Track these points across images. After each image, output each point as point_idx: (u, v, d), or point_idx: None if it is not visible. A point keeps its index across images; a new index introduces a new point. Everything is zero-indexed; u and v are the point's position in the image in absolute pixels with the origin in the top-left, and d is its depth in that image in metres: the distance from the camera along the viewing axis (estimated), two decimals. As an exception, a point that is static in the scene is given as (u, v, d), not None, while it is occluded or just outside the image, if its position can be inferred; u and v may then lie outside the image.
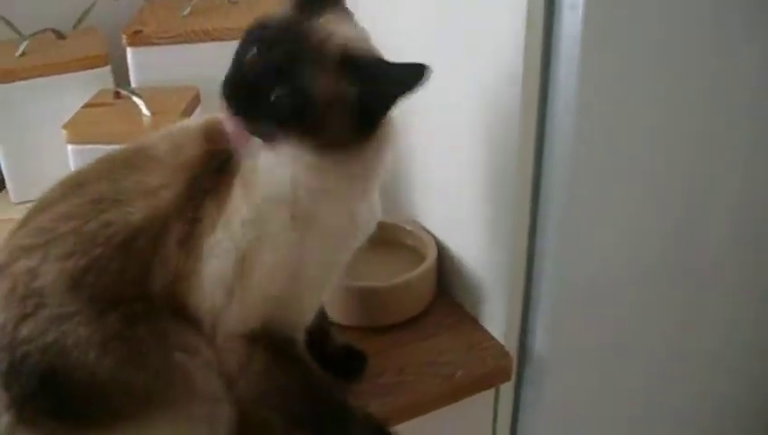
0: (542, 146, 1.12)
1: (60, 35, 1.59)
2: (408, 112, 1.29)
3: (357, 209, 1.00)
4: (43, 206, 0.95)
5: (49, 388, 0.86)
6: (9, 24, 1.65)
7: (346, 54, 0.88)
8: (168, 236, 0.93)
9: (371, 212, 1.04)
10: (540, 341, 1.25)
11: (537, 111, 1.10)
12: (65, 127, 1.32)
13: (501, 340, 1.26)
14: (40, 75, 1.48)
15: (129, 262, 0.91)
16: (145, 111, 1.33)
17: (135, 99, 1.35)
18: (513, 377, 1.28)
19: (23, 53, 1.51)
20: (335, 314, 1.27)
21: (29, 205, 0.98)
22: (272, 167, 0.93)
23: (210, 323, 0.95)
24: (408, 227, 1.38)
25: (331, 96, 0.87)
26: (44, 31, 1.57)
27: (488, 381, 1.25)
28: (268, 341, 0.96)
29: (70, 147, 1.31)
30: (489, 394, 1.29)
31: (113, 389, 0.88)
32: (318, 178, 0.93)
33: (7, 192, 1.59)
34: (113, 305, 0.89)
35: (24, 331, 0.87)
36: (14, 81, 1.47)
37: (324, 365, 1.12)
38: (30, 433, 0.88)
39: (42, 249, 0.90)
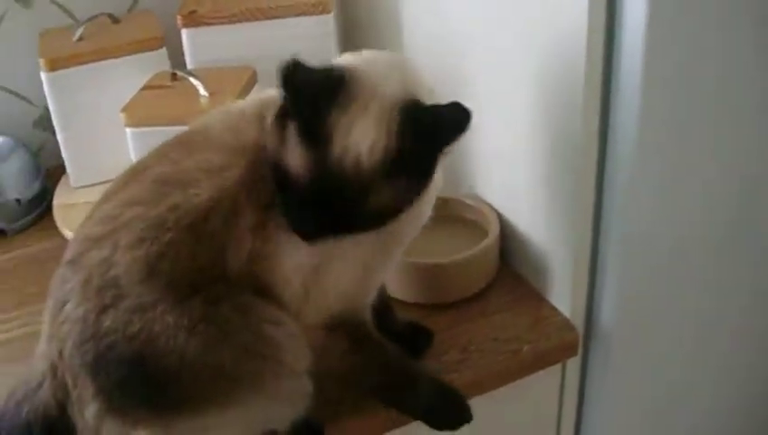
0: (607, 113, 1.09)
1: (115, 19, 1.59)
2: (467, 83, 1.29)
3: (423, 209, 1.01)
4: (108, 195, 0.95)
5: (138, 376, 0.86)
6: (65, 9, 1.66)
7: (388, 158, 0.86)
8: (240, 219, 0.91)
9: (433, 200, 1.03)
10: (607, 315, 1.22)
11: (601, 77, 1.06)
12: (123, 110, 1.32)
13: (567, 314, 1.24)
14: (96, 60, 1.48)
15: (200, 245, 0.90)
16: (203, 91, 1.32)
17: (192, 80, 1.34)
18: (580, 352, 1.26)
19: (79, 39, 1.52)
20: (398, 292, 1.26)
21: (89, 189, 0.98)
22: None
23: (293, 310, 0.96)
24: (469, 202, 1.36)
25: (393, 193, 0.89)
26: (100, 15, 1.58)
27: (554, 356, 1.24)
28: (343, 328, 1.00)
29: (129, 130, 1.31)
30: (555, 370, 1.28)
31: (203, 371, 0.88)
32: None
33: (68, 177, 1.60)
34: (194, 290, 0.88)
35: (107, 322, 0.86)
36: (71, 66, 1.47)
37: (391, 342, 1.12)
38: (118, 421, 0.88)
39: (111, 238, 0.89)
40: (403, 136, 0.86)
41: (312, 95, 0.85)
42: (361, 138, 0.85)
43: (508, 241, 1.32)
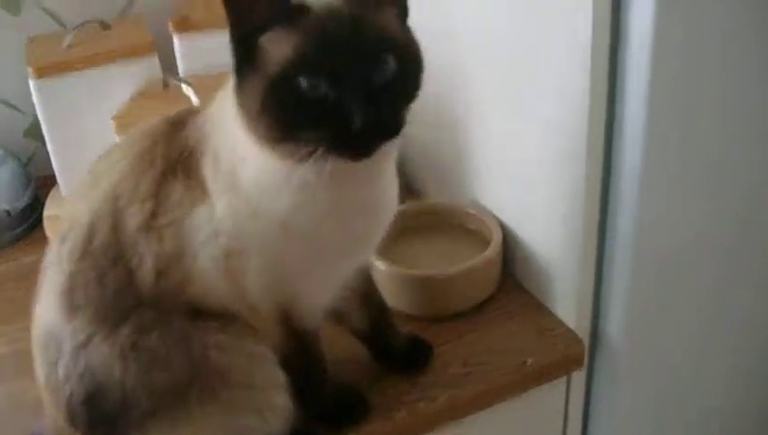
0: (612, 121, 1.06)
1: (105, 26, 1.55)
2: (471, 89, 1.26)
3: (354, 219, 0.93)
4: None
5: (96, 412, 0.90)
6: (54, 16, 1.63)
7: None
8: (124, 225, 0.91)
9: (378, 212, 0.97)
10: (613, 325, 1.19)
11: (607, 86, 1.03)
12: (114, 118, 1.29)
13: (572, 325, 1.21)
14: (86, 67, 1.44)
15: (99, 267, 0.91)
16: (194, 99, 1.29)
17: (184, 87, 1.31)
18: (586, 364, 1.23)
19: (68, 45, 1.48)
20: (397, 303, 1.22)
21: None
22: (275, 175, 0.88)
23: (239, 308, 0.94)
24: (470, 210, 1.33)
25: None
26: (89, 22, 1.54)
27: (560, 369, 1.20)
28: (286, 324, 0.97)
29: (119, 138, 1.27)
30: (560, 383, 1.24)
31: (144, 393, 0.90)
32: (337, 185, 0.88)
33: (59, 187, 1.56)
34: (122, 317, 0.90)
35: (61, 372, 0.91)
36: (60, 74, 1.43)
37: (390, 357, 1.11)
38: None
39: (42, 288, 0.96)
40: None
41: None
42: None
43: (510, 250, 1.29)
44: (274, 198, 0.88)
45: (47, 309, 0.93)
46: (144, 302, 0.90)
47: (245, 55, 0.82)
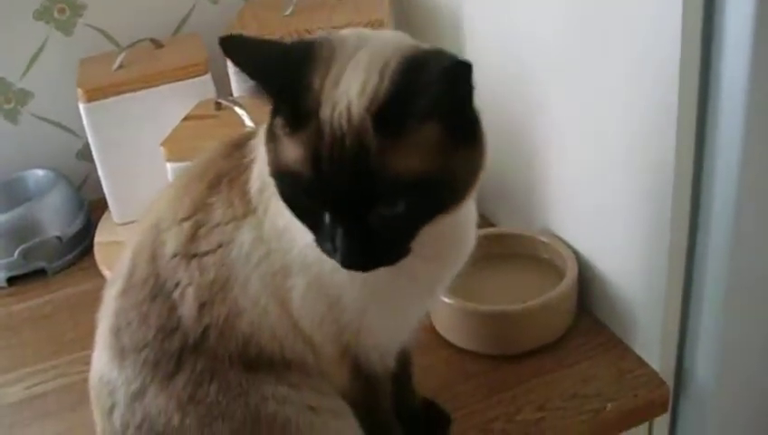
0: (702, 149, 0.98)
1: (158, 44, 1.52)
2: (544, 113, 1.18)
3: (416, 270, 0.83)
4: None
5: None
6: (107, 35, 1.61)
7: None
8: (162, 250, 0.86)
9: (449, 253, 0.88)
10: (701, 366, 1.11)
11: (697, 101, 0.95)
12: (163, 144, 1.23)
13: (655, 366, 1.12)
14: (137, 89, 1.40)
15: (141, 302, 0.87)
16: (248, 122, 1.22)
17: (237, 109, 1.24)
18: (670, 409, 1.14)
19: (120, 66, 1.44)
20: (464, 341, 1.16)
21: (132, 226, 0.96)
22: None
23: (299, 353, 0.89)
24: (544, 239, 1.26)
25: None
26: (142, 41, 1.51)
27: (641, 414, 1.12)
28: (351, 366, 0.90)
29: (169, 165, 1.22)
30: (641, 430, 1.15)
31: None
32: None
33: (110, 212, 1.52)
34: (175, 366, 0.85)
35: (118, 422, 0.87)
36: (110, 96, 1.40)
37: (402, 420, 1.00)
38: None
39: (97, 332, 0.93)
40: (398, 72, 0.70)
41: (281, 63, 0.73)
42: (350, 83, 0.71)
43: (587, 284, 1.21)
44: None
45: (99, 355, 0.90)
46: (192, 345, 0.85)
47: (271, 115, 0.75)
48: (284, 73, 0.72)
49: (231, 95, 1.42)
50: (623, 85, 1.03)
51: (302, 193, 0.73)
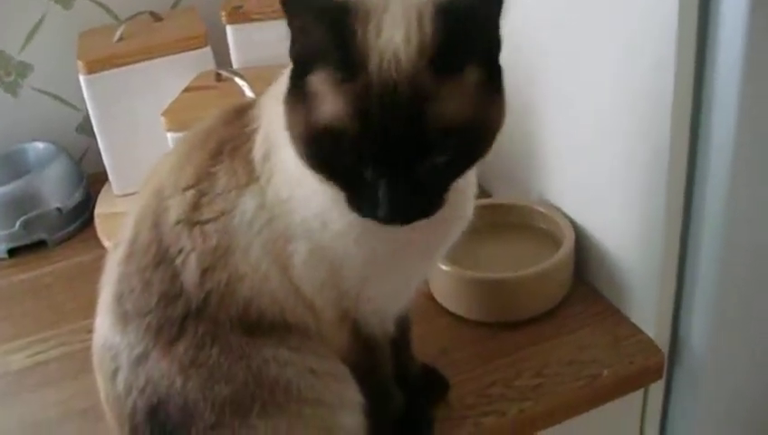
0: (698, 112, 0.98)
1: (157, 17, 1.52)
2: (540, 77, 1.18)
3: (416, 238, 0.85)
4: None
5: (156, 424, 0.85)
6: (106, 8, 1.60)
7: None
8: (166, 217, 0.87)
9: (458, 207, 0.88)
10: (695, 333, 1.11)
11: (694, 71, 0.95)
12: (164, 114, 1.24)
13: (650, 333, 1.13)
14: (137, 61, 1.41)
15: (144, 268, 0.87)
16: (248, 92, 1.23)
17: (237, 80, 1.25)
18: (664, 376, 1.15)
19: (120, 38, 1.45)
20: (462, 309, 1.17)
21: (132, 197, 0.95)
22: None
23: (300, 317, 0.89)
24: (541, 209, 1.26)
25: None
26: (141, 13, 1.51)
27: (637, 381, 1.13)
28: (351, 330, 0.91)
29: (170, 135, 1.22)
30: (637, 395, 1.17)
31: (207, 406, 0.85)
32: None
33: (110, 184, 1.53)
34: (177, 332, 0.85)
35: (121, 386, 0.87)
36: (110, 68, 1.40)
37: (401, 383, 1.02)
38: None
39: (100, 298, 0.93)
40: (438, 18, 0.71)
41: (331, 14, 0.71)
42: (392, 33, 0.71)
43: (584, 252, 1.21)
44: (318, 192, 0.81)
45: (102, 321, 0.90)
46: (195, 311, 0.86)
47: (300, 76, 0.75)
48: (333, 26, 0.71)
49: (231, 66, 1.43)
50: (620, 55, 1.03)
51: (344, 151, 0.72)
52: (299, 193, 0.82)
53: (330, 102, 0.72)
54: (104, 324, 0.90)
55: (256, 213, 0.84)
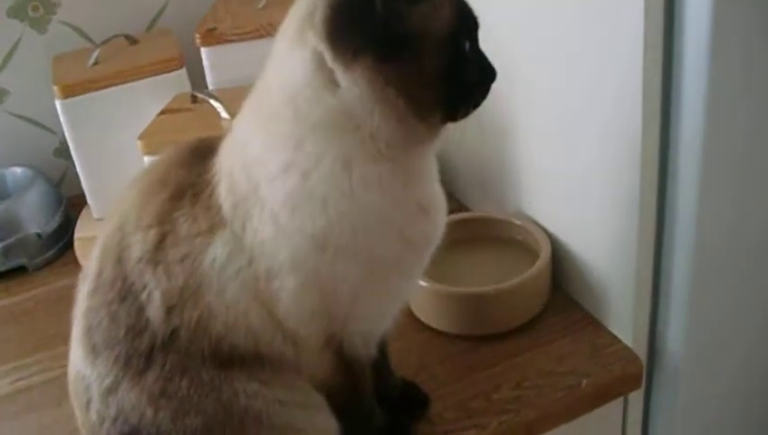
0: (668, 123, 0.99)
1: (132, 40, 1.52)
2: (511, 85, 1.19)
3: (408, 221, 0.87)
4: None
5: None
6: (81, 32, 1.61)
7: None
8: (128, 253, 0.87)
9: (432, 213, 0.90)
10: (672, 341, 1.12)
11: (661, 85, 0.97)
12: (141, 138, 1.24)
13: (628, 342, 1.14)
14: (112, 84, 1.41)
15: (110, 302, 0.87)
16: (224, 114, 1.24)
17: (212, 102, 1.26)
18: (644, 384, 1.16)
19: (95, 62, 1.45)
20: (441, 323, 1.18)
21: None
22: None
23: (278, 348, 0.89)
24: (518, 221, 1.27)
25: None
26: (116, 37, 1.51)
27: (616, 389, 1.14)
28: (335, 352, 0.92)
29: (146, 158, 1.23)
30: (617, 404, 1.17)
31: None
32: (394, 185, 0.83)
33: (89, 208, 1.53)
34: (146, 363, 0.86)
35: (94, 417, 0.88)
36: (85, 92, 1.41)
37: (380, 399, 1.02)
38: None
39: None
40: None
41: None
42: None
43: (561, 263, 1.22)
44: (316, 213, 0.82)
45: (74, 352, 0.91)
46: (161, 344, 0.86)
47: (394, 33, 0.78)
48: None
49: (206, 88, 1.44)
50: (592, 66, 1.04)
51: (466, 40, 0.82)
52: (290, 224, 0.82)
53: (443, 12, 0.80)
54: (76, 356, 0.90)
55: (230, 258, 0.84)
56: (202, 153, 0.90)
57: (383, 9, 0.76)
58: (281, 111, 0.81)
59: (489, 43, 0.84)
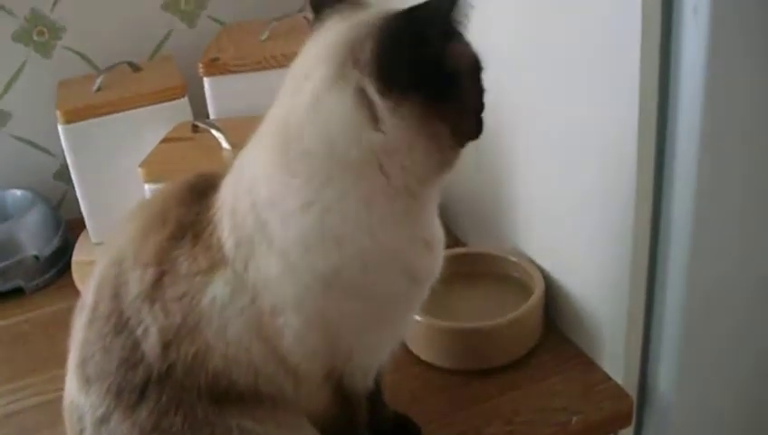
0: (662, 164, 1.01)
1: (136, 68, 1.54)
2: (509, 127, 1.21)
3: (415, 257, 0.87)
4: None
5: None
6: (85, 58, 1.62)
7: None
8: (126, 289, 0.86)
9: (434, 248, 0.91)
10: (663, 379, 1.13)
11: (656, 129, 0.99)
12: (142, 166, 1.25)
13: (619, 380, 1.14)
14: (116, 111, 1.42)
15: (105, 335, 0.87)
16: (225, 144, 1.25)
17: (213, 132, 1.27)
18: (634, 421, 1.16)
19: (98, 88, 1.46)
20: (434, 357, 1.18)
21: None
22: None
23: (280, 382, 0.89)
24: (513, 258, 1.28)
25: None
26: (120, 64, 1.53)
27: (606, 427, 1.14)
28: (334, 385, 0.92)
29: (147, 186, 1.24)
30: (607, 441, 1.17)
31: None
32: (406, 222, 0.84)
33: (87, 232, 1.54)
34: (139, 396, 0.85)
35: None
36: (88, 118, 1.42)
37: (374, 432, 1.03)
38: None
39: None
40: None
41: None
42: None
43: (554, 301, 1.23)
44: (329, 251, 0.82)
45: (69, 381, 0.91)
46: (157, 378, 0.85)
47: (444, 70, 0.80)
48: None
49: (208, 118, 1.45)
50: (588, 106, 1.06)
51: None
52: (300, 262, 0.82)
53: (468, 54, 0.83)
54: (71, 385, 0.90)
55: (233, 297, 0.84)
56: (201, 190, 0.90)
57: (433, 48, 0.77)
58: (312, 149, 0.79)
59: (489, 82, 0.86)
